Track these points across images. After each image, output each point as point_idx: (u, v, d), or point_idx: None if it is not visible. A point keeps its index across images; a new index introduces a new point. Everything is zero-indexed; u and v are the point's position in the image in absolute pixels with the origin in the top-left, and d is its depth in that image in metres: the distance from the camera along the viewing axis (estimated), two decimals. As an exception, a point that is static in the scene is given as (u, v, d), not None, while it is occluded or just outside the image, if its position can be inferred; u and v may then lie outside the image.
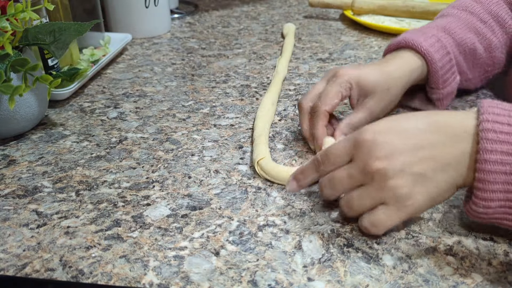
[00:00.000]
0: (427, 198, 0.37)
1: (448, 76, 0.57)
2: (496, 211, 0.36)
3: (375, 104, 0.53)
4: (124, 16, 0.92)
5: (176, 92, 0.70)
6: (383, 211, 0.38)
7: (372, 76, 0.53)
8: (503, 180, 0.35)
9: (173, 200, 0.46)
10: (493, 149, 0.35)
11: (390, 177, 0.37)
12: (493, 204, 0.36)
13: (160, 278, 0.37)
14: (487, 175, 0.35)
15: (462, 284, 0.36)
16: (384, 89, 0.53)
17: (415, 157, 0.37)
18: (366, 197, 0.38)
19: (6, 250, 0.40)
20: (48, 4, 0.55)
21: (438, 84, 0.57)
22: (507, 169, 0.34)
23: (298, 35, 0.95)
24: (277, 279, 0.37)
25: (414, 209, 0.38)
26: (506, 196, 0.35)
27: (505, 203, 0.35)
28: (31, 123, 0.57)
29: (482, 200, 0.36)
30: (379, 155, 0.37)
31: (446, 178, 0.37)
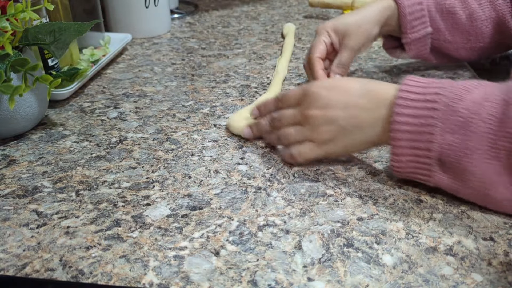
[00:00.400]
0: (342, 146, 0.48)
1: (416, 23, 0.64)
2: (408, 166, 0.44)
3: (353, 42, 0.63)
4: (124, 16, 0.92)
5: (176, 92, 0.70)
6: (309, 146, 0.49)
7: (345, 20, 0.64)
8: (408, 137, 0.42)
9: (173, 200, 0.46)
10: (401, 112, 0.43)
11: (320, 124, 0.47)
12: (403, 158, 0.44)
13: (160, 278, 0.37)
14: (396, 134, 0.43)
15: (462, 284, 0.36)
16: (356, 27, 0.63)
17: (343, 113, 0.46)
18: (300, 133, 0.49)
19: (6, 250, 0.40)
20: (48, 4, 0.55)
21: (406, 28, 0.64)
22: (411, 129, 0.42)
23: (298, 35, 0.95)
24: (277, 279, 0.37)
25: (330, 151, 0.49)
26: (413, 151, 0.43)
27: (413, 158, 0.43)
28: (31, 123, 0.57)
29: (395, 155, 0.44)
30: (317, 105, 0.48)
31: (362, 136, 0.47)
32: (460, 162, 0.41)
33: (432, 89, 0.43)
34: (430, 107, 0.42)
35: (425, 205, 0.45)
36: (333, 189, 0.47)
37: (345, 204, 0.45)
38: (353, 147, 0.49)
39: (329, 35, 0.64)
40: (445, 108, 0.41)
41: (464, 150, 0.41)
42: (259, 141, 0.56)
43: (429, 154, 0.42)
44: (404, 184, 0.48)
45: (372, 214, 0.44)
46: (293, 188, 0.48)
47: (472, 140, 0.40)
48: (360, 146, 0.49)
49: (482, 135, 0.40)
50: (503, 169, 0.40)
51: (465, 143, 0.40)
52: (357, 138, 0.47)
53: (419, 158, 0.43)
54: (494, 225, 0.42)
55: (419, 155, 0.43)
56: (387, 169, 0.51)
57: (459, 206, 0.45)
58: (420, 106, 0.42)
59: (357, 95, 0.47)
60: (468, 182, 0.42)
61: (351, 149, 0.50)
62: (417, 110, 0.42)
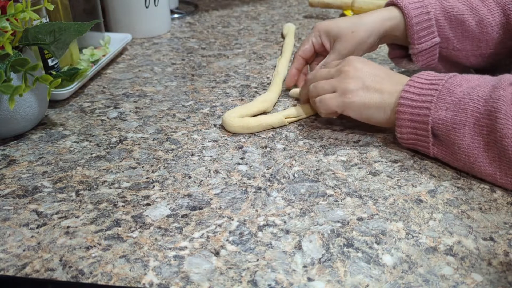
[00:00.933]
0: (361, 103, 0.53)
1: (424, 34, 0.63)
2: (409, 137, 0.51)
3: (342, 46, 0.63)
4: (124, 16, 0.92)
5: (176, 92, 0.70)
6: (331, 95, 0.54)
7: (339, 23, 0.64)
8: (410, 111, 0.49)
9: (173, 200, 0.46)
10: (408, 90, 0.50)
11: (349, 77, 0.53)
12: (405, 130, 0.50)
13: (160, 278, 0.37)
14: (401, 107, 0.50)
15: (462, 284, 0.36)
16: (348, 32, 0.62)
17: (370, 77, 0.53)
18: (328, 83, 0.55)
19: (6, 250, 0.40)
20: (48, 4, 0.55)
21: (413, 39, 0.63)
22: (412, 104, 0.49)
23: (298, 35, 0.95)
24: (277, 279, 0.37)
25: (348, 102, 0.53)
26: (413, 124, 0.49)
27: (413, 130, 0.50)
28: (31, 123, 0.57)
29: (398, 127, 0.51)
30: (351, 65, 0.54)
31: (379, 98, 0.52)
32: (449, 135, 0.47)
33: (439, 77, 0.50)
34: (432, 88, 0.49)
35: (425, 205, 0.45)
36: (333, 189, 0.47)
37: (345, 204, 0.45)
38: (368, 109, 0.53)
39: (319, 36, 0.65)
40: (444, 90, 0.48)
41: (453, 125, 0.46)
42: (259, 141, 0.56)
43: (425, 127, 0.48)
44: (404, 184, 0.48)
45: (372, 214, 0.44)
46: (293, 188, 0.48)
47: (460, 116, 0.46)
48: (374, 110, 0.53)
49: (469, 112, 0.46)
50: (486, 145, 0.45)
51: (454, 119, 0.46)
52: (375, 99, 0.52)
53: (417, 131, 0.49)
54: (494, 225, 0.42)
55: (417, 127, 0.49)
56: (387, 169, 0.51)
57: (459, 206, 0.45)
58: (425, 87, 0.49)
59: (384, 72, 0.54)
60: (457, 155, 0.47)
61: (366, 110, 0.53)
62: (421, 90, 0.49)
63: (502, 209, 0.44)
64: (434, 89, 0.48)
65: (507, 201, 0.45)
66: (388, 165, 0.51)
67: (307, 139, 0.57)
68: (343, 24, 0.63)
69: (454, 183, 0.48)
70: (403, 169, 0.51)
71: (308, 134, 0.58)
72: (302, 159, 0.53)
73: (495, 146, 0.44)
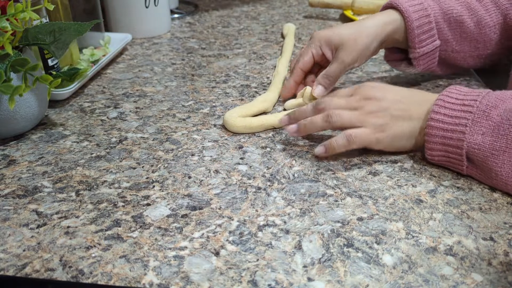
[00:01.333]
0: (392, 135, 0.50)
1: (425, 37, 0.62)
2: (440, 159, 0.49)
3: (345, 54, 0.61)
4: (124, 16, 0.92)
5: (176, 92, 0.70)
6: (364, 130, 0.50)
7: (341, 31, 0.62)
8: (441, 134, 0.47)
9: (173, 200, 0.46)
10: (438, 111, 0.47)
11: (375, 111, 0.50)
12: (435, 153, 0.49)
13: (160, 278, 0.37)
14: (431, 130, 0.47)
15: (462, 284, 0.36)
16: (351, 39, 0.60)
17: (395, 105, 0.50)
18: (355, 116, 0.50)
19: (6, 250, 0.40)
20: (48, 4, 0.55)
21: (414, 43, 0.62)
22: (444, 126, 0.47)
23: (298, 35, 0.95)
24: (277, 279, 0.37)
25: (381, 137, 0.50)
26: (444, 147, 0.47)
27: (444, 153, 0.48)
28: (31, 123, 0.57)
29: (428, 149, 0.49)
30: (372, 95, 0.51)
31: (409, 127, 0.50)
32: (487, 162, 0.45)
33: (471, 96, 0.47)
34: (466, 110, 0.46)
35: (425, 205, 0.45)
36: (333, 189, 0.47)
37: (345, 204, 0.45)
38: (401, 139, 0.51)
39: (320, 46, 0.63)
40: (479, 112, 0.45)
41: (492, 151, 0.44)
42: (259, 141, 0.56)
43: (459, 152, 0.46)
44: (404, 184, 0.48)
45: (372, 214, 0.44)
46: (293, 188, 0.48)
47: (500, 142, 0.44)
48: (405, 140, 0.51)
49: (510, 139, 0.43)
50: None
51: (493, 145, 0.44)
52: (406, 129, 0.50)
53: (450, 154, 0.47)
54: (494, 225, 0.42)
55: (450, 151, 0.47)
56: (387, 169, 0.51)
57: (459, 206, 0.45)
58: (457, 108, 0.47)
59: (404, 95, 0.51)
60: (493, 180, 0.46)
61: (398, 142, 0.51)
62: (453, 111, 0.47)
63: (502, 209, 0.44)
64: (468, 111, 0.46)
65: (507, 201, 0.45)
66: (388, 165, 0.51)
67: (307, 139, 0.57)
68: (345, 32, 0.61)
69: (454, 183, 0.48)
70: (403, 169, 0.50)
71: (308, 134, 0.58)
72: (302, 159, 0.53)
73: None
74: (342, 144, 0.50)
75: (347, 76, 0.75)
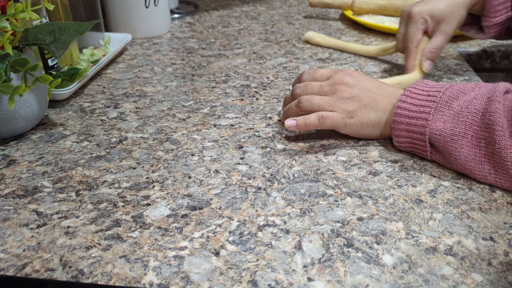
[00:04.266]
0: (359, 122, 0.54)
1: (500, 8, 0.66)
2: (406, 145, 0.52)
3: (448, 27, 0.66)
4: (124, 16, 0.92)
5: (176, 92, 0.70)
6: (334, 113, 0.53)
7: (440, 6, 0.66)
8: (407, 121, 0.50)
9: (173, 200, 0.46)
10: (405, 100, 0.51)
11: (346, 97, 0.54)
12: (402, 139, 0.52)
13: (160, 278, 0.37)
14: (398, 117, 0.51)
15: (462, 284, 0.36)
16: (450, 13, 0.65)
17: (365, 94, 0.54)
18: (326, 101, 0.54)
19: (6, 250, 0.40)
20: (48, 4, 0.55)
21: (489, 12, 0.67)
22: (409, 114, 0.50)
23: (298, 35, 0.95)
24: (277, 279, 0.37)
25: (349, 123, 0.54)
26: (409, 134, 0.51)
27: (410, 140, 0.51)
28: (31, 123, 0.57)
29: (395, 136, 0.52)
30: (345, 82, 0.55)
31: (376, 116, 0.54)
32: (447, 146, 0.48)
33: (435, 88, 0.51)
34: (430, 100, 0.50)
35: (425, 205, 0.45)
36: (333, 189, 0.47)
37: (345, 204, 0.45)
38: (366, 127, 0.54)
39: (426, 22, 0.66)
40: (442, 102, 0.49)
41: (451, 136, 0.47)
42: (259, 141, 0.56)
43: (422, 138, 0.50)
44: (404, 184, 0.48)
45: (372, 214, 0.44)
46: (293, 188, 0.48)
47: (459, 128, 0.47)
48: (371, 128, 0.54)
49: (468, 125, 0.47)
50: (483, 158, 0.46)
51: (453, 130, 0.47)
52: (372, 118, 0.53)
53: (414, 140, 0.51)
54: (494, 225, 0.42)
55: (415, 137, 0.50)
56: (387, 169, 0.51)
57: (459, 206, 0.45)
58: (422, 98, 0.50)
59: (376, 86, 0.55)
60: (453, 165, 0.49)
61: (364, 129, 0.54)
62: (418, 101, 0.50)
63: (502, 209, 0.44)
64: (432, 101, 0.50)
65: (507, 201, 0.45)
66: (388, 165, 0.51)
67: (307, 139, 0.57)
68: (442, 5, 0.66)
69: (454, 183, 0.48)
70: (403, 169, 0.51)
71: (308, 134, 0.58)
72: (302, 159, 0.53)
73: (492, 158, 0.46)
74: (313, 122, 0.53)
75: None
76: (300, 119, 0.53)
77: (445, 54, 0.83)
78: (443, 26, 0.66)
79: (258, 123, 0.60)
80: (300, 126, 0.53)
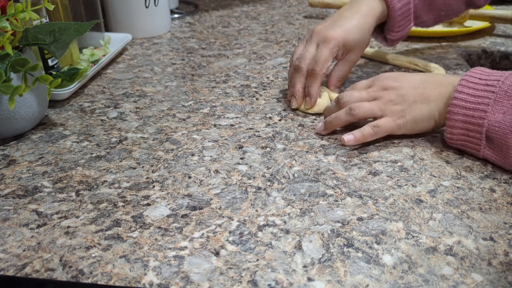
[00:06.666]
0: (411, 120, 0.53)
1: (403, 23, 0.67)
2: (459, 138, 0.50)
3: (356, 56, 0.65)
4: (124, 16, 0.92)
5: (176, 92, 0.70)
6: (386, 119, 0.53)
7: (353, 35, 0.63)
8: (463, 112, 0.49)
9: (173, 200, 0.46)
10: (461, 90, 0.49)
11: (393, 100, 0.53)
12: (455, 131, 0.50)
13: (160, 278, 0.37)
14: (453, 108, 0.49)
15: (462, 284, 0.36)
16: (361, 42, 0.64)
17: (412, 91, 0.53)
18: (377, 106, 0.53)
19: (6, 250, 0.40)
20: (48, 4, 0.55)
21: (394, 28, 0.67)
22: (467, 105, 0.48)
23: (298, 35, 0.95)
24: (277, 279, 0.37)
25: (401, 123, 0.53)
26: (465, 125, 0.49)
27: (464, 132, 0.49)
28: (31, 123, 0.57)
29: (449, 127, 0.50)
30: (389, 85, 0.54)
31: (428, 109, 0.52)
32: (506, 139, 0.46)
33: (494, 76, 0.49)
34: (488, 90, 0.48)
35: (425, 205, 0.45)
36: (333, 189, 0.47)
37: (345, 204, 0.45)
38: (421, 122, 0.53)
39: (338, 50, 0.63)
40: (501, 92, 0.47)
41: (510, 128, 0.46)
42: (259, 141, 0.56)
43: (479, 129, 0.48)
44: (404, 184, 0.48)
45: (372, 214, 0.44)
46: (293, 188, 0.48)
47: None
48: (426, 122, 0.53)
49: None
50: None
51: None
52: (424, 111, 0.52)
53: (469, 132, 0.49)
54: (494, 225, 0.42)
55: (470, 129, 0.49)
56: (387, 169, 0.51)
57: (459, 206, 0.45)
58: (480, 88, 0.48)
59: (421, 80, 0.54)
60: (509, 159, 0.47)
61: (418, 124, 0.53)
62: (475, 91, 0.48)
63: (502, 209, 0.44)
64: (491, 91, 0.48)
65: (507, 201, 0.45)
66: (388, 165, 0.51)
67: (307, 139, 0.57)
68: (354, 34, 0.63)
69: (454, 183, 0.48)
70: (403, 169, 0.51)
71: (308, 134, 0.58)
72: (302, 159, 0.53)
73: None
74: (369, 133, 0.53)
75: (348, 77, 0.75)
76: (357, 133, 0.53)
77: (445, 54, 0.83)
78: (351, 55, 0.64)
79: (258, 123, 0.60)
80: (358, 140, 0.53)
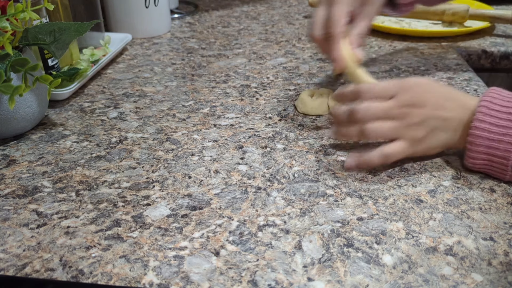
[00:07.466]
0: (427, 146, 0.49)
1: None
2: (481, 167, 0.48)
3: (372, 9, 0.56)
4: (124, 16, 0.92)
5: (176, 92, 0.70)
6: (401, 145, 0.48)
7: None
8: (487, 144, 0.45)
9: (173, 200, 0.46)
10: (483, 119, 0.45)
11: (417, 122, 0.47)
12: (477, 161, 0.47)
13: (160, 278, 0.37)
14: (475, 139, 0.46)
15: (462, 284, 0.36)
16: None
17: (437, 113, 0.48)
18: (394, 130, 0.48)
19: (6, 250, 0.40)
20: (48, 4, 0.55)
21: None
22: (490, 136, 0.45)
23: (298, 35, 0.95)
24: (277, 279, 0.37)
25: (417, 150, 0.49)
26: (489, 157, 0.46)
27: (488, 162, 0.47)
28: (31, 123, 0.57)
29: (470, 158, 0.48)
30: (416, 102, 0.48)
31: (445, 138, 0.49)
32: None
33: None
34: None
35: (425, 205, 0.45)
36: (333, 189, 0.47)
37: (345, 204, 0.45)
38: (435, 148, 0.50)
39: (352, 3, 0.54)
40: None
41: None
42: (259, 141, 0.56)
43: (505, 162, 0.45)
44: (404, 184, 0.48)
45: (372, 214, 0.44)
46: (293, 188, 0.48)
47: None
48: (440, 148, 0.50)
49: None
50: None
51: None
52: (442, 140, 0.49)
53: (493, 163, 0.46)
54: (494, 225, 0.42)
55: (495, 161, 0.46)
56: (387, 169, 0.51)
57: (459, 206, 0.45)
58: (503, 117, 0.45)
59: (446, 98, 0.49)
60: None
61: (432, 151, 0.50)
62: (499, 120, 0.45)
63: (502, 209, 0.44)
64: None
65: (507, 201, 0.45)
66: (388, 165, 0.51)
67: (307, 139, 0.57)
68: None
69: (454, 183, 0.48)
70: (403, 169, 0.50)
71: (308, 134, 0.58)
72: (302, 159, 0.53)
73: None
74: (377, 161, 0.49)
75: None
76: (361, 161, 0.49)
77: (445, 54, 0.83)
78: (368, 8, 0.55)
79: (258, 123, 0.60)
80: (362, 166, 0.50)
